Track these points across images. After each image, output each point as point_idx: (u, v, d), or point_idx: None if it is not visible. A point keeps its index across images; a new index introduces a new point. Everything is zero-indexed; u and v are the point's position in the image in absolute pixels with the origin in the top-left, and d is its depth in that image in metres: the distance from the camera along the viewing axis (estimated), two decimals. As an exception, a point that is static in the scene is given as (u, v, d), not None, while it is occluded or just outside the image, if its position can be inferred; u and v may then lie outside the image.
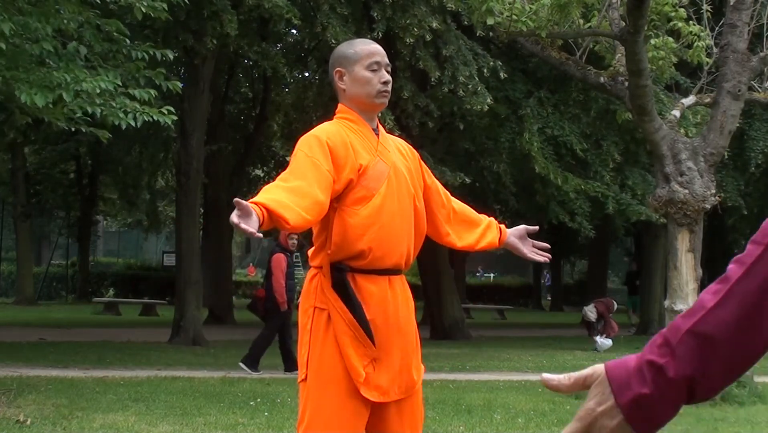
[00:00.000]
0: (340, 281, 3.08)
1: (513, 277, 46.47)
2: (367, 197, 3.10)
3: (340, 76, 3.27)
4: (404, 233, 3.18)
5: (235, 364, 11.22)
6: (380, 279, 3.13)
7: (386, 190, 3.13)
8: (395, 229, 3.14)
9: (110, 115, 8.09)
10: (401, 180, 3.19)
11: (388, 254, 3.12)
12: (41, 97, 7.62)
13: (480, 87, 13.50)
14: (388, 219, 3.12)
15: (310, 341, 3.12)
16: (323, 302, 3.11)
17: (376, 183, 3.12)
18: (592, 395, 1.28)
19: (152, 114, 8.36)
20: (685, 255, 9.65)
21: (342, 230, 3.09)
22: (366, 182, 3.11)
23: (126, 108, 8.27)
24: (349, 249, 3.08)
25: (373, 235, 3.09)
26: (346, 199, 3.10)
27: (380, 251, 3.10)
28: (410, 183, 3.24)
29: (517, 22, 9.34)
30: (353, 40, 3.45)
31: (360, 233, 3.08)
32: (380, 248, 3.10)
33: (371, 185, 3.11)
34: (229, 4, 12.95)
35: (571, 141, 15.87)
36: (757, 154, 18.21)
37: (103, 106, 8.05)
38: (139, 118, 8.30)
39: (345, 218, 3.08)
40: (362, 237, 3.08)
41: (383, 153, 3.20)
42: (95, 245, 40.62)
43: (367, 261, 3.10)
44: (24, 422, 6.80)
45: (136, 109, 8.31)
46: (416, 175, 3.32)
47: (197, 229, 16.54)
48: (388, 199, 3.13)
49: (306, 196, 2.88)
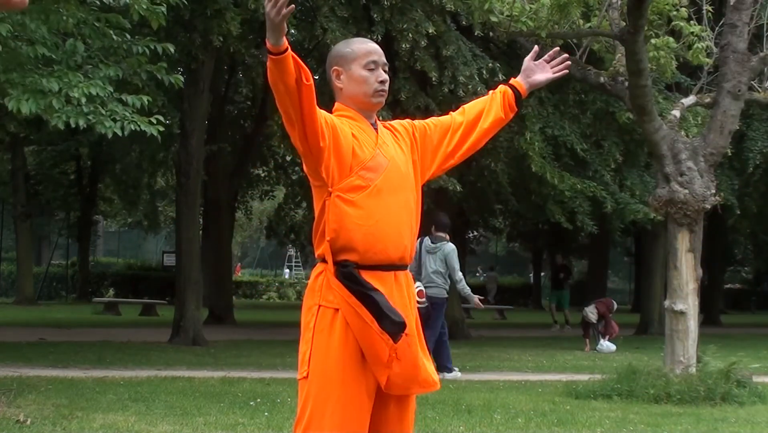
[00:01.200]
0: (349, 274, 3.07)
1: (513, 277, 46.50)
2: (364, 187, 3.12)
3: (337, 75, 3.27)
4: (404, 227, 3.19)
5: (234, 364, 11.23)
6: (386, 275, 3.13)
7: (383, 183, 3.15)
8: (394, 222, 3.15)
9: (97, 123, 8.03)
10: (400, 174, 3.21)
11: (388, 247, 3.12)
12: (32, 103, 7.60)
13: (480, 87, 13.51)
14: (385, 211, 3.13)
15: (312, 339, 3.11)
16: (329, 301, 3.10)
17: (374, 174, 3.14)
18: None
19: (140, 123, 8.30)
20: (685, 255, 9.65)
21: (338, 217, 3.10)
22: (364, 172, 3.13)
23: (115, 115, 8.21)
24: (347, 238, 3.09)
25: (371, 227, 3.10)
26: (342, 185, 3.11)
27: (381, 244, 3.10)
28: (411, 175, 3.26)
29: (517, 22, 9.35)
30: (350, 39, 3.45)
31: (356, 222, 3.09)
32: (380, 241, 3.10)
33: (369, 176, 3.13)
34: (231, 3, 12.96)
35: (571, 141, 15.88)
36: (755, 154, 18.21)
37: (92, 113, 8.00)
38: (126, 127, 8.24)
39: (340, 204, 3.10)
40: (360, 227, 3.09)
41: (383, 147, 3.21)
42: (95, 245, 40.62)
43: (369, 255, 3.09)
44: (24, 422, 6.80)
45: (125, 117, 8.26)
46: (417, 156, 3.34)
47: (197, 229, 16.53)
48: (385, 192, 3.14)
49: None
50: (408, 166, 3.27)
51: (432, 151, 3.39)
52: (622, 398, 9.27)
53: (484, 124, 3.44)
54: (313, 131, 3.04)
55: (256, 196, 29.26)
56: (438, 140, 3.40)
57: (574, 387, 9.76)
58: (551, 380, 11.30)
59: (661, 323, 15.56)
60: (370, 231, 3.10)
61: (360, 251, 3.09)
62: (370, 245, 3.10)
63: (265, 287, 41.79)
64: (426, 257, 11.02)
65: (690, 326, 9.57)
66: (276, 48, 2.92)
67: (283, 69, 2.93)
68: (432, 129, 3.41)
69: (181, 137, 15.64)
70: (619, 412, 8.43)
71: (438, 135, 3.41)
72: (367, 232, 3.10)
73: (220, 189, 21.69)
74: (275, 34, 2.90)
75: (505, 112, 3.46)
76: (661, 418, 8.11)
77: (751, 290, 47.75)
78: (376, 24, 13.63)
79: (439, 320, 10.98)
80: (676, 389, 9.17)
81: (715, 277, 31.11)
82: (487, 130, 3.45)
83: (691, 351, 9.58)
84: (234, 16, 12.81)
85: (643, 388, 9.30)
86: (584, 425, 7.65)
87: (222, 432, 6.81)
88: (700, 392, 9.12)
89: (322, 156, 3.09)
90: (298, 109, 3.00)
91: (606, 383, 9.64)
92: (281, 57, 2.91)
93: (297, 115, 3.01)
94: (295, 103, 2.99)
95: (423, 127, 3.41)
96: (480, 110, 3.47)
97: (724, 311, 34.26)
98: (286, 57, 2.92)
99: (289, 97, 2.98)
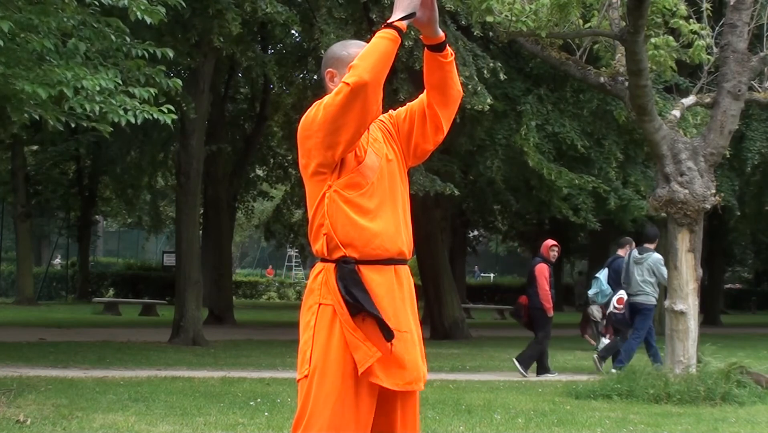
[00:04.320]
0: (349, 274, 3.07)
1: (513, 277, 46.44)
2: (361, 184, 3.13)
3: (331, 77, 3.27)
4: (400, 222, 3.20)
5: (234, 364, 11.24)
6: (386, 269, 3.14)
7: (378, 180, 3.17)
8: (390, 218, 3.17)
9: (110, 112, 8.07)
10: (391, 169, 3.23)
11: (385, 242, 3.13)
12: (43, 90, 7.60)
13: (480, 87, 13.50)
14: (381, 208, 3.15)
15: (313, 338, 3.11)
16: (328, 298, 3.10)
17: (371, 173, 3.16)
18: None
19: (152, 112, 8.34)
20: (685, 255, 9.65)
21: (335, 211, 3.11)
22: (363, 169, 3.14)
23: (126, 106, 8.25)
24: (345, 234, 3.10)
25: (368, 223, 3.11)
26: (341, 181, 3.12)
27: (378, 240, 3.11)
28: (400, 167, 3.28)
29: (517, 22, 9.34)
30: (348, 41, 3.43)
31: (355, 218, 3.10)
32: (377, 237, 3.11)
33: (367, 173, 3.15)
34: (233, 3, 12.95)
35: (572, 138, 15.87)
36: (754, 154, 18.21)
37: (103, 103, 8.03)
38: (139, 115, 8.28)
39: (338, 201, 3.11)
40: (357, 223, 3.10)
41: (374, 144, 3.23)
42: (95, 245, 40.60)
43: (368, 250, 3.10)
44: (24, 422, 6.80)
45: (136, 107, 8.29)
46: (404, 144, 3.32)
47: (197, 229, 16.54)
48: (380, 189, 3.16)
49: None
50: (396, 158, 3.29)
51: (410, 132, 3.34)
52: (622, 398, 9.27)
53: (430, 80, 3.29)
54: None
55: (255, 196, 29.26)
56: (419, 119, 3.33)
57: (574, 387, 9.77)
58: (551, 380, 11.32)
59: (661, 323, 15.56)
60: (368, 228, 3.11)
61: (358, 247, 3.10)
62: (368, 241, 3.10)
63: (265, 287, 41.82)
64: (634, 267, 11.89)
65: (690, 326, 9.57)
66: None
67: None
68: (407, 112, 3.36)
69: (181, 137, 15.65)
70: (619, 412, 8.43)
71: (415, 114, 3.34)
72: (364, 228, 3.11)
73: (220, 189, 21.70)
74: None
75: (432, 56, 3.27)
76: (661, 418, 8.11)
77: (751, 290, 47.77)
78: (375, 24, 13.63)
79: (645, 323, 11.79)
80: (676, 389, 9.17)
81: (715, 277, 31.13)
82: (435, 79, 3.28)
83: (691, 351, 9.58)
84: (235, 17, 12.80)
85: (643, 388, 9.30)
86: (584, 425, 7.65)
87: (222, 432, 6.80)
88: (700, 392, 9.12)
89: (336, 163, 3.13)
90: (359, 132, 3.05)
91: (606, 383, 9.64)
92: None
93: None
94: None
95: (400, 113, 3.38)
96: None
97: (724, 311, 34.27)
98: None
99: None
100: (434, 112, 3.29)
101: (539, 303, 11.69)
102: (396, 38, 3.08)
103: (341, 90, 2.99)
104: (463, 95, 3.50)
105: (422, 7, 3.17)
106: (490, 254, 49.41)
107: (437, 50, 3.25)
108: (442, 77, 3.27)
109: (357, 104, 2.98)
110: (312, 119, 3.10)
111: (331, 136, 3.04)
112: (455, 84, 3.30)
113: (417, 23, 3.20)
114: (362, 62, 3.01)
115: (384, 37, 3.08)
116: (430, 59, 3.27)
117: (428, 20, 3.20)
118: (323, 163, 3.10)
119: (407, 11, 3.12)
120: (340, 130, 3.02)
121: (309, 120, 3.12)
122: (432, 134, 3.31)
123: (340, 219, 3.10)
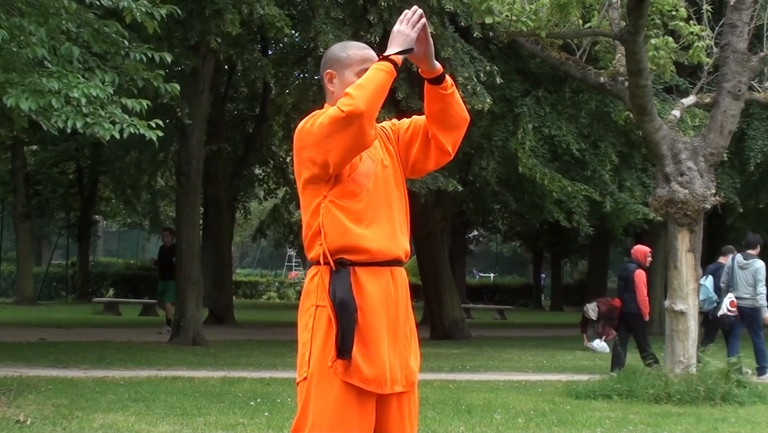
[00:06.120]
0: (341, 280, 3.07)
1: (513, 277, 46.45)
2: (356, 192, 3.13)
3: (330, 79, 3.26)
4: (396, 226, 3.20)
5: (234, 364, 11.22)
6: (382, 271, 3.14)
7: (374, 187, 3.17)
8: (386, 224, 3.17)
9: (96, 125, 8.01)
10: (388, 175, 3.23)
11: (382, 248, 3.13)
12: (32, 102, 7.57)
13: (479, 88, 13.50)
14: (377, 214, 3.15)
15: (311, 340, 3.11)
16: (324, 299, 3.10)
17: (365, 179, 3.16)
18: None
19: (140, 127, 8.29)
20: (685, 255, 9.65)
21: (331, 222, 3.11)
22: (357, 177, 3.14)
23: (115, 118, 8.19)
24: (341, 242, 3.10)
25: (364, 230, 3.11)
26: (336, 191, 3.12)
27: (374, 245, 3.11)
28: (397, 173, 3.27)
29: (517, 22, 9.35)
30: (348, 42, 3.43)
31: (350, 227, 3.10)
32: (373, 242, 3.11)
33: (361, 181, 3.15)
34: (230, 4, 12.94)
35: (567, 141, 15.86)
36: (756, 153, 18.21)
37: (91, 115, 7.97)
38: (126, 130, 8.23)
39: (334, 210, 3.11)
40: (353, 231, 3.10)
41: (370, 150, 3.21)
42: (95, 245, 40.59)
43: (365, 256, 3.11)
44: (24, 422, 6.80)
45: (124, 119, 8.24)
46: (402, 155, 3.32)
47: (197, 229, 16.53)
48: (375, 196, 3.16)
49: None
50: (393, 164, 3.28)
51: (410, 146, 3.34)
52: (622, 398, 9.27)
53: (431, 111, 3.28)
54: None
55: (254, 197, 29.23)
56: (422, 137, 3.33)
57: (574, 387, 9.77)
58: (551, 380, 11.31)
59: (661, 322, 15.56)
60: (363, 235, 3.11)
61: (355, 252, 3.10)
62: (365, 248, 3.11)
63: (265, 287, 41.79)
64: (738, 272, 12.37)
65: (690, 326, 9.57)
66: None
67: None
68: (411, 127, 3.37)
69: (181, 137, 15.64)
70: (619, 412, 8.43)
71: (420, 129, 3.34)
72: (360, 236, 3.10)
73: (220, 189, 21.68)
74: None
75: (432, 88, 3.26)
76: (661, 418, 8.11)
77: (750, 289, 47.61)
78: (373, 25, 13.62)
79: (759, 324, 12.38)
80: (676, 389, 9.17)
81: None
82: (435, 110, 3.27)
83: (691, 351, 9.58)
84: (233, 18, 12.79)
85: (643, 388, 9.30)
86: (584, 425, 7.65)
87: (222, 432, 6.81)
88: (700, 392, 9.13)
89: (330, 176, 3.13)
90: (349, 157, 3.07)
91: (606, 383, 9.64)
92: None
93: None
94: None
95: (404, 122, 3.40)
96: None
97: (723, 311, 34.16)
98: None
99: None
100: (437, 138, 3.29)
101: (636, 309, 11.90)
102: (392, 72, 3.08)
103: (336, 115, 3.00)
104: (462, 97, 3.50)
105: (417, 42, 3.16)
106: (491, 254, 49.37)
107: (436, 83, 3.23)
108: (443, 108, 3.26)
109: (350, 132, 2.99)
110: (307, 132, 3.10)
111: (323, 155, 3.05)
112: (459, 112, 3.28)
113: (413, 58, 3.19)
114: (359, 92, 3.01)
115: (381, 69, 3.08)
116: (430, 91, 3.25)
117: (423, 55, 3.19)
118: (317, 175, 3.12)
119: (404, 46, 3.12)
120: (330, 153, 3.03)
121: (304, 132, 3.12)
122: (435, 156, 3.31)
123: (336, 228, 3.10)
